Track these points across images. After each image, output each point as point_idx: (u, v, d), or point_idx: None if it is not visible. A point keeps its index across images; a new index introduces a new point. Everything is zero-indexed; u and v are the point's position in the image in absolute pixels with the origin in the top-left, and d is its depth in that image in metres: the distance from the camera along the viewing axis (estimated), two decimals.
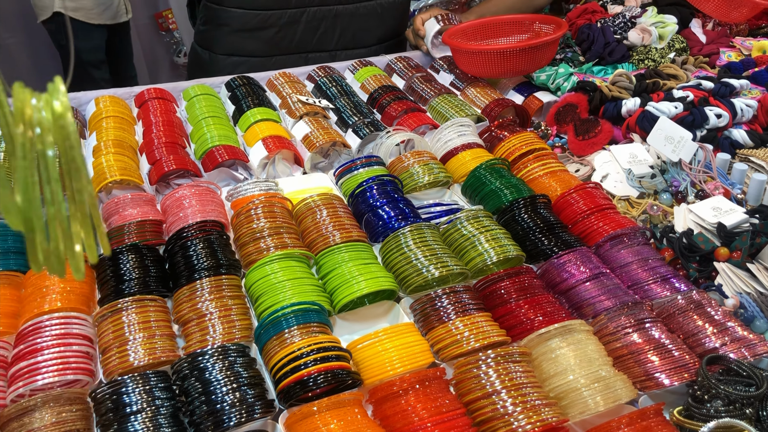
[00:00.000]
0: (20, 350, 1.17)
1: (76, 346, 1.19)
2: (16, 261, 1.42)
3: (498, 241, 1.42)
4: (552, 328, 1.18)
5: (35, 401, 1.05)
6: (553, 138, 1.88)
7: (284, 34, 2.22)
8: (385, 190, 1.60)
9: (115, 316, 1.24)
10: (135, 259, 1.37)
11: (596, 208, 1.52)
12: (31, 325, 1.21)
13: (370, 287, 1.30)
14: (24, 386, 1.11)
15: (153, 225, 1.52)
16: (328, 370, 1.11)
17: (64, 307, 1.26)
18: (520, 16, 2.29)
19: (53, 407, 1.06)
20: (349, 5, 2.24)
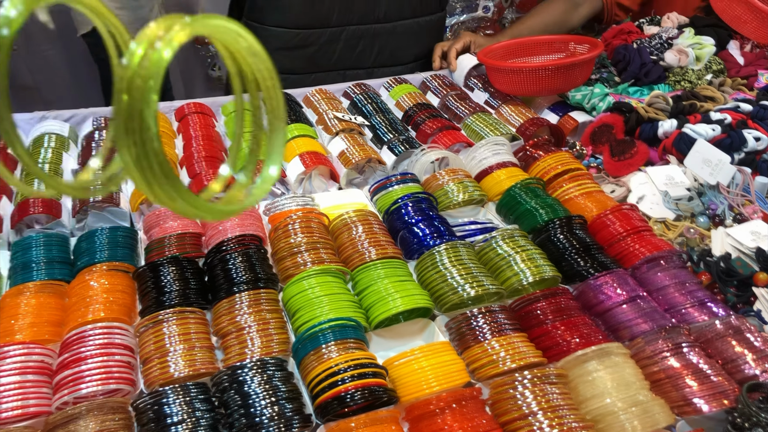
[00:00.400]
0: (65, 359, 1.20)
1: (119, 356, 1.22)
2: (60, 270, 1.46)
3: (534, 261, 1.42)
4: (589, 351, 1.18)
5: (80, 409, 1.08)
6: (588, 158, 1.88)
7: (323, 52, 2.25)
8: (420, 207, 1.61)
9: (156, 327, 1.26)
10: (175, 271, 1.40)
11: (632, 230, 1.52)
12: (75, 334, 1.24)
13: (406, 305, 1.31)
14: (69, 394, 1.14)
15: (192, 238, 1.55)
16: (365, 386, 1.12)
17: (106, 317, 1.28)
18: (555, 37, 2.30)
19: (97, 416, 1.08)
20: (387, 24, 2.27)
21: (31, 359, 1.20)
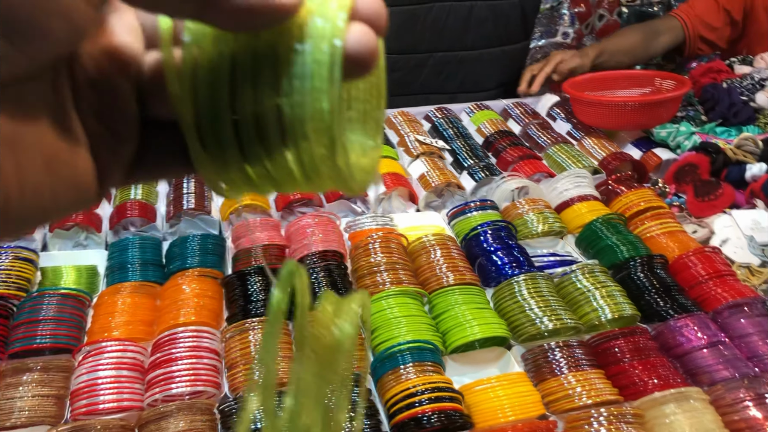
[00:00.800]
0: (157, 358, 1.27)
1: (206, 359, 1.28)
2: (154, 273, 1.54)
3: (613, 298, 1.42)
4: (668, 393, 1.17)
5: (171, 408, 1.14)
6: (671, 197, 1.86)
7: (409, 77, 2.30)
8: (500, 235, 1.63)
9: (243, 334, 1.32)
10: (261, 281, 1.45)
11: (715, 273, 1.50)
12: (167, 335, 1.30)
13: (484, 333, 1.33)
14: (160, 392, 1.20)
15: (277, 249, 1.61)
16: (441, 410, 1.15)
17: (196, 321, 1.35)
18: (641, 72, 2.29)
19: (186, 415, 1.14)
20: (473, 51, 2.31)
21: (126, 356, 1.27)
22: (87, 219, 1.67)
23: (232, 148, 0.32)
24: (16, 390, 1.19)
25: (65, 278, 1.54)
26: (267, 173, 0.33)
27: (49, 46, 0.27)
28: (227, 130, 0.31)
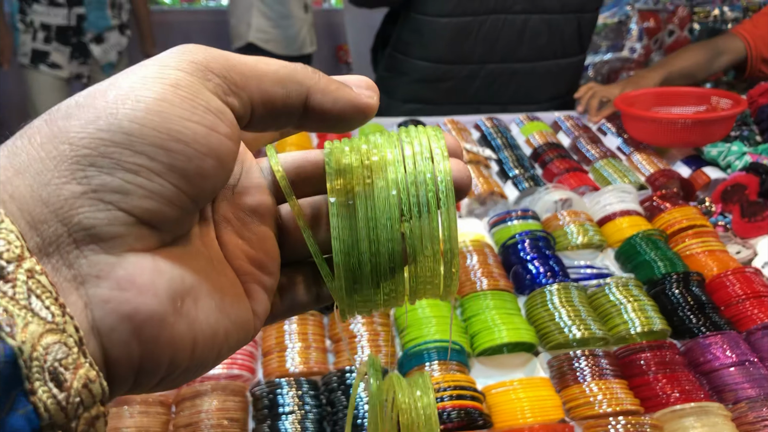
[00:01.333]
0: None
1: (244, 346, 1.36)
2: None
3: (645, 312, 1.43)
4: (688, 407, 1.18)
5: (206, 387, 1.22)
6: (716, 216, 1.85)
7: (461, 87, 2.35)
8: (537, 245, 1.66)
9: (278, 325, 1.39)
10: None
11: (752, 293, 1.49)
12: None
13: (511, 337, 1.37)
14: None
15: None
16: (461, 407, 1.19)
17: None
18: (697, 90, 2.27)
19: (220, 395, 1.22)
20: (527, 64, 2.33)
21: None
22: None
23: (367, 274, 0.37)
24: None
25: None
26: (386, 296, 0.39)
27: (206, 185, 0.30)
28: (365, 256, 0.37)
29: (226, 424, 1.18)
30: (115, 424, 1.16)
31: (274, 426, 1.18)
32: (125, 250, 0.27)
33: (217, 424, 1.17)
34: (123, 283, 0.26)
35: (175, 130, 0.27)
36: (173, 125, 0.27)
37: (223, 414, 1.19)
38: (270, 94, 0.32)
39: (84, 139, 0.26)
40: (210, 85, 0.30)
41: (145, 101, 0.27)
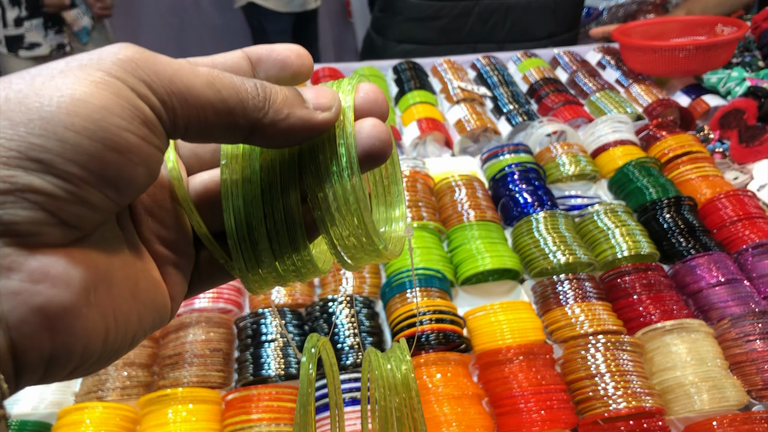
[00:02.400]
0: None
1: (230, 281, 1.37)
2: None
3: (633, 236, 1.42)
4: (668, 324, 1.17)
5: (191, 318, 1.24)
6: (714, 143, 1.81)
7: (455, 25, 2.31)
8: (527, 177, 1.64)
9: None
10: None
11: (745, 215, 1.46)
12: None
13: (494, 264, 1.36)
14: (184, 306, 1.31)
15: None
16: (441, 330, 1.19)
17: None
18: (699, 18, 2.20)
19: (204, 327, 1.24)
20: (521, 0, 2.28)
21: None
22: None
23: (266, 250, 0.36)
24: None
25: None
26: (293, 268, 0.38)
27: (133, 191, 0.30)
28: (261, 234, 0.36)
29: (209, 353, 1.20)
30: None
31: (256, 353, 1.19)
32: (41, 245, 0.27)
33: (201, 354, 1.19)
34: (36, 275, 0.26)
35: (110, 140, 0.27)
36: (109, 135, 0.27)
37: (207, 345, 1.21)
38: (209, 121, 0.31)
39: (13, 141, 0.25)
40: (145, 94, 0.29)
41: (83, 107, 0.26)
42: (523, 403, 1.07)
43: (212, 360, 1.20)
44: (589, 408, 1.08)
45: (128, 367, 1.18)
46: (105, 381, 1.15)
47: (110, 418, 1.07)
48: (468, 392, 1.09)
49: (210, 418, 1.08)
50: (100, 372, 1.17)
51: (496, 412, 1.10)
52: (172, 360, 1.19)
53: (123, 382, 1.16)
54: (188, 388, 1.10)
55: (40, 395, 1.16)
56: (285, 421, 1.06)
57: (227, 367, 1.21)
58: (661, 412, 1.06)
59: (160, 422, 1.05)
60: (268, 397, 1.07)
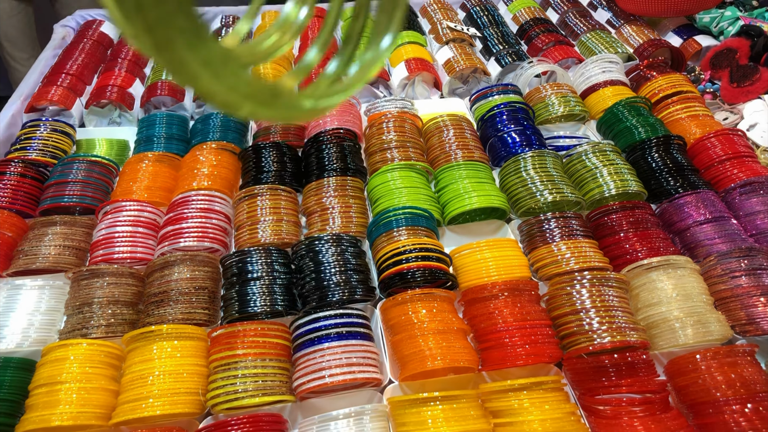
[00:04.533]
0: (170, 217, 1.36)
1: (216, 220, 1.36)
2: (177, 146, 1.62)
3: (620, 175, 1.41)
4: (655, 260, 1.17)
5: (176, 257, 1.23)
6: (704, 83, 1.79)
7: None
8: (516, 117, 1.62)
9: (251, 199, 1.39)
10: (275, 154, 1.51)
11: (734, 154, 1.45)
12: (180, 198, 1.39)
13: (481, 203, 1.35)
14: (169, 245, 1.29)
15: (296, 128, 1.66)
16: (427, 267, 1.19)
17: (210, 187, 1.43)
18: None
19: (189, 266, 1.23)
20: None
21: (142, 215, 1.37)
22: (120, 97, 1.76)
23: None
24: (42, 240, 1.30)
25: (98, 149, 1.65)
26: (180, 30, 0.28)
27: None
28: None
29: (195, 291, 1.19)
30: (86, 293, 1.18)
31: (242, 291, 1.19)
32: None
33: (187, 292, 1.18)
34: None
35: None
36: None
37: (191, 283, 1.20)
38: None
39: None
40: None
41: None
42: (508, 338, 1.07)
43: (197, 298, 1.19)
44: (573, 343, 1.09)
45: (113, 305, 1.18)
46: (89, 319, 1.15)
47: (94, 354, 1.06)
48: (453, 327, 1.09)
49: (195, 354, 1.08)
50: (84, 310, 1.16)
51: (480, 347, 1.11)
52: (158, 298, 1.18)
53: (107, 320, 1.15)
54: (173, 325, 1.09)
55: (23, 333, 1.16)
56: (271, 357, 1.06)
57: (213, 305, 1.21)
58: (645, 346, 1.06)
59: (145, 358, 1.05)
60: (254, 333, 1.07)
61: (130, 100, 1.79)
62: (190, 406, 1.02)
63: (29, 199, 1.44)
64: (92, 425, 1.01)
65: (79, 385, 1.02)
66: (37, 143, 1.58)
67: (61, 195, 1.42)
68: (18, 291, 1.21)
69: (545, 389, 0.98)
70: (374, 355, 1.09)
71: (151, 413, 0.99)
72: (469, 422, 0.95)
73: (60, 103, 1.73)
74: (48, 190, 1.44)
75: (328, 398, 1.09)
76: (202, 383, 1.06)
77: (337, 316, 1.10)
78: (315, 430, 0.97)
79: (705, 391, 0.99)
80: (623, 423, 0.97)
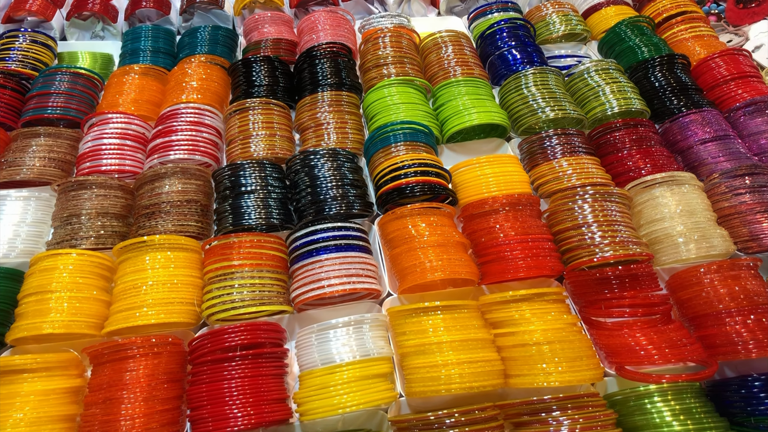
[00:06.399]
0: (159, 130, 1.30)
1: (206, 134, 1.31)
2: (164, 60, 1.56)
3: (624, 93, 1.37)
4: (659, 176, 1.15)
5: (166, 169, 1.18)
6: (709, 4, 1.73)
7: None
8: (516, 33, 1.56)
9: (243, 113, 1.34)
10: (267, 69, 1.45)
11: (738, 74, 1.42)
12: (169, 111, 1.33)
13: (481, 119, 1.31)
14: (158, 158, 1.25)
15: (288, 44, 1.59)
16: (426, 182, 1.16)
17: (200, 100, 1.37)
18: None
19: (180, 178, 1.19)
20: None
21: (130, 128, 1.32)
22: (103, 9, 1.68)
23: None
24: (26, 152, 1.25)
25: (81, 62, 1.58)
26: None
27: None
28: None
29: (186, 203, 1.15)
30: (74, 205, 1.14)
31: (236, 204, 1.15)
32: None
33: (178, 204, 1.15)
34: None
35: None
36: None
37: (182, 195, 1.16)
38: None
39: None
40: None
41: None
42: (509, 251, 1.05)
43: (189, 210, 1.16)
44: (575, 257, 1.07)
45: (102, 217, 1.14)
46: (78, 230, 1.11)
47: (84, 264, 1.03)
48: (453, 240, 1.07)
49: (189, 265, 1.05)
50: (73, 221, 1.12)
51: (480, 260, 1.09)
52: (149, 210, 1.14)
53: (97, 231, 1.12)
54: (165, 236, 1.06)
55: (9, 243, 1.12)
56: (268, 268, 1.04)
57: (205, 218, 1.17)
58: (649, 258, 1.05)
59: (138, 268, 1.02)
60: (250, 244, 1.04)
61: (114, 13, 1.71)
62: (185, 316, 1.00)
63: (10, 111, 1.38)
64: (84, 334, 0.99)
65: (69, 294, 0.99)
66: (17, 54, 1.51)
67: (44, 107, 1.36)
68: (2, 202, 1.17)
69: (547, 300, 0.97)
70: (373, 267, 1.07)
71: (145, 322, 0.96)
72: (470, 331, 0.94)
73: (39, 13, 1.64)
74: (30, 101, 1.38)
75: (326, 309, 1.07)
76: (196, 294, 1.03)
77: (335, 228, 1.07)
78: (314, 338, 0.95)
79: (707, 303, 0.98)
80: (624, 334, 0.96)
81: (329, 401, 0.88)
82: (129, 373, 0.90)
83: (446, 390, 0.88)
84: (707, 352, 0.95)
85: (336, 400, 0.87)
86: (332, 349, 0.93)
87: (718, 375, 1.00)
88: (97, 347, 0.93)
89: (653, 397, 0.90)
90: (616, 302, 0.99)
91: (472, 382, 0.89)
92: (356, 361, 0.92)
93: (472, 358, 0.91)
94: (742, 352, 0.92)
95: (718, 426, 0.87)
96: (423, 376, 0.91)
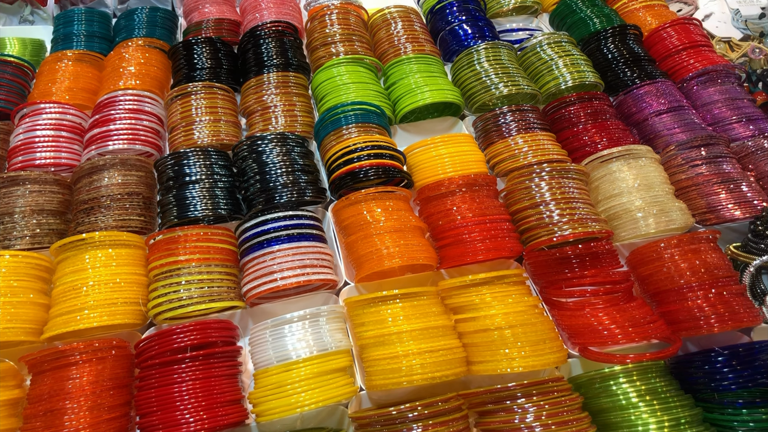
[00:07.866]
0: (96, 120, 1.23)
1: (147, 122, 1.25)
2: (100, 45, 1.48)
3: (577, 66, 1.35)
4: (615, 151, 1.13)
5: (105, 161, 1.12)
6: None
7: None
8: (467, 8, 1.53)
9: (185, 98, 1.27)
10: (209, 50, 1.39)
11: (690, 44, 1.41)
12: (107, 98, 1.26)
13: (434, 97, 1.28)
14: (96, 149, 1.18)
15: (230, 24, 1.53)
16: (380, 165, 1.12)
17: (138, 86, 1.30)
18: None
19: (120, 170, 1.12)
20: None
21: (65, 118, 1.24)
22: None
23: None
24: None
25: (9, 49, 1.48)
26: None
27: None
28: None
29: (128, 197, 1.09)
30: (6, 203, 1.07)
31: (180, 195, 1.09)
32: None
33: (119, 198, 1.08)
34: None
35: None
36: None
37: (123, 188, 1.10)
38: None
39: None
40: None
41: None
42: (467, 234, 1.02)
43: (131, 203, 1.09)
44: (534, 236, 1.05)
45: (37, 214, 1.07)
46: (11, 230, 1.04)
47: (19, 267, 0.96)
48: (410, 225, 1.03)
49: (133, 263, 1.00)
50: (5, 221, 1.05)
51: (439, 244, 1.06)
52: (87, 205, 1.08)
53: (32, 230, 1.05)
54: (106, 232, 1.00)
55: None
56: (216, 262, 0.99)
57: (148, 212, 1.11)
58: (609, 236, 1.03)
59: (77, 268, 0.96)
60: (197, 237, 0.99)
61: None
62: (129, 317, 0.94)
63: None
64: (21, 341, 0.93)
65: (4, 300, 0.93)
66: None
67: None
68: None
69: (507, 283, 0.94)
70: (328, 256, 1.03)
71: (87, 325, 0.91)
72: (430, 319, 0.91)
73: None
74: None
75: (280, 303, 1.03)
76: (141, 293, 0.98)
77: (287, 218, 1.03)
78: (268, 334, 0.91)
79: (669, 278, 0.97)
80: (587, 314, 0.94)
81: (286, 400, 0.84)
82: (71, 381, 0.85)
83: (408, 382, 0.85)
84: (670, 328, 0.94)
85: (293, 398, 0.84)
86: (288, 345, 0.89)
87: (681, 350, 0.99)
88: (36, 355, 0.87)
89: (618, 378, 0.88)
90: (576, 281, 0.98)
91: (434, 372, 0.86)
92: (313, 357, 0.88)
93: (433, 346, 0.88)
94: (704, 327, 0.91)
95: (683, 405, 0.86)
96: (383, 368, 0.87)
